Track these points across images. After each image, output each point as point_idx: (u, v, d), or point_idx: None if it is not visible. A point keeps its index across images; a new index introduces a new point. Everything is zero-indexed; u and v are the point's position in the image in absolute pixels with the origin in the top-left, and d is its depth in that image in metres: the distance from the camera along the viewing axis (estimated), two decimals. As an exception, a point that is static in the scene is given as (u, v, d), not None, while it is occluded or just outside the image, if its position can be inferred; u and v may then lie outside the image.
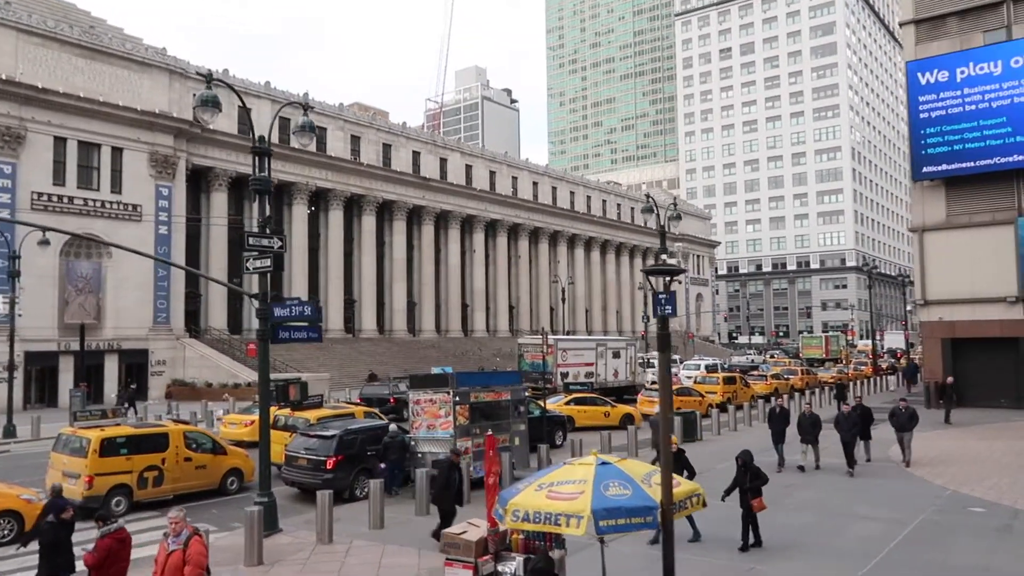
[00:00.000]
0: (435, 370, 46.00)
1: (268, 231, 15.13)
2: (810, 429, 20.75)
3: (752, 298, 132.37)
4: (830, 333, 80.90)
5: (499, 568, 7.56)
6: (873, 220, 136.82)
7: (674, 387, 33.99)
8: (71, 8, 51.32)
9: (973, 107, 32.81)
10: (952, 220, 33.98)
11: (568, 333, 75.71)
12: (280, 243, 15.18)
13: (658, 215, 27.43)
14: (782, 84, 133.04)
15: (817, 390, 40.56)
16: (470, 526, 8.00)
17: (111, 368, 47.17)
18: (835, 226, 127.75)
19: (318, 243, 63.63)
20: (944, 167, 33.78)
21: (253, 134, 15.82)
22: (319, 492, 14.14)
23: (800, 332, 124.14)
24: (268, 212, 15.40)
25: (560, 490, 6.55)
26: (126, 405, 29.48)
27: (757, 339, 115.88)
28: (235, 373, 48.46)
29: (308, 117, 16.45)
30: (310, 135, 16.62)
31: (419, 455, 18.29)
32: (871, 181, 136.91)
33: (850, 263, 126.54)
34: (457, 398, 17.90)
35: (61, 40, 46.25)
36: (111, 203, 47.55)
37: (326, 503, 13.87)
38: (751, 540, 12.95)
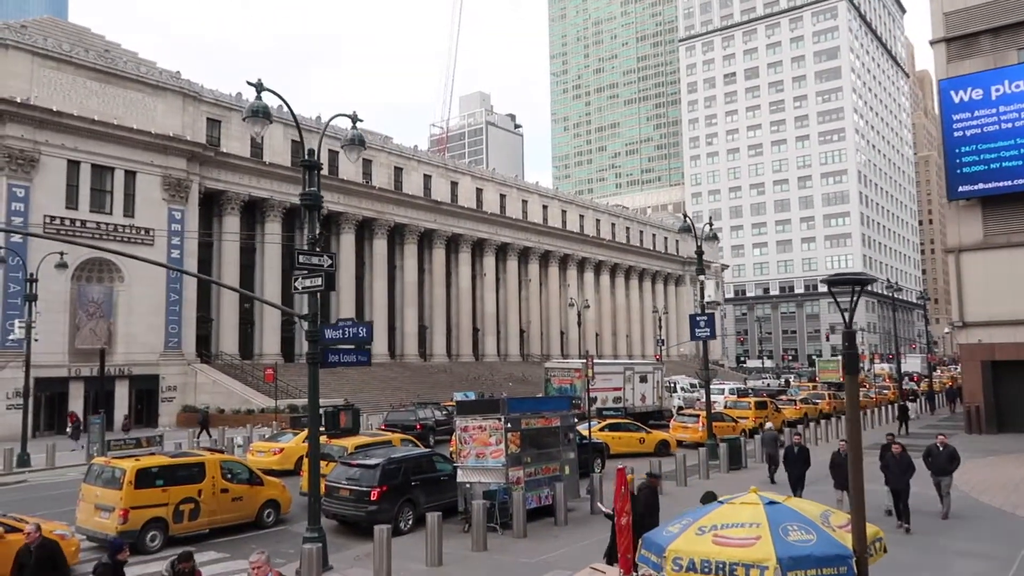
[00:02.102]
0: (457, 396, 45.07)
1: (319, 249, 14.35)
2: (847, 473, 18.08)
3: (760, 321, 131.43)
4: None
5: (637, 620, 6.68)
6: (880, 243, 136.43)
7: (704, 412, 33.06)
8: (85, 32, 51.00)
9: (1010, 125, 32.22)
10: (990, 240, 33.25)
11: (581, 358, 74.58)
12: (330, 262, 14.40)
13: (695, 234, 26.76)
14: (787, 108, 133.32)
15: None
16: (596, 571, 7.10)
17: (121, 394, 46.17)
18: (843, 249, 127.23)
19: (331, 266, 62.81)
20: (980, 186, 33.12)
21: (260, 151, 15.07)
22: (376, 527, 13.19)
23: (809, 355, 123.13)
24: (318, 230, 14.63)
25: (729, 535, 5.69)
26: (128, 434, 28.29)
27: (767, 363, 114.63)
28: (248, 399, 47.45)
29: (357, 130, 15.73)
30: (358, 149, 15.90)
31: (467, 485, 17.32)
32: (878, 204, 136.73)
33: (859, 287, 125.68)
34: (509, 424, 16.99)
35: (76, 63, 45.88)
36: (124, 227, 46.84)
37: (384, 539, 12.91)
38: None
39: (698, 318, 26.81)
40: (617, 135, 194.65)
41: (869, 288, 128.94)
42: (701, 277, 27.50)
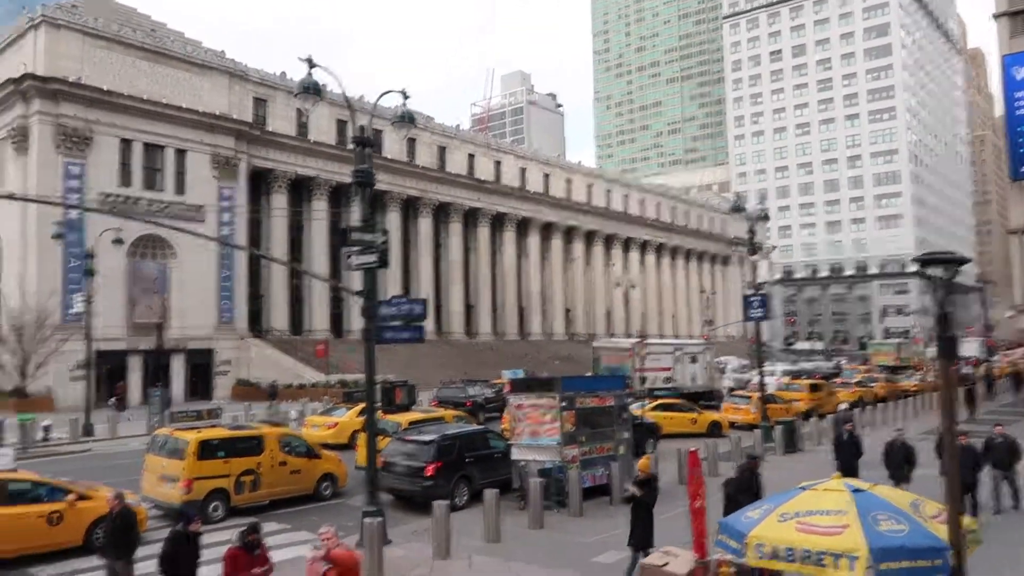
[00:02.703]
0: (506, 374, 45.04)
1: (372, 226, 14.35)
2: (903, 464, 15.88)
3: (808, 303, 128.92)
4: (901, 340, 77.93)
5: (713, 604, 6.55)
6: (934, 224, 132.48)
7: (756, 393, 32.55)
8: (132, 12, 51.72)
9: (1081, 100, 30.83)
10: (1057, 220, 31.99)
11: (626, 337, 74.25)
12: (384, 239, 14.38)
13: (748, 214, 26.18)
14: (835, 86, 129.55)
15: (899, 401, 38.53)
16: (668, 556, 6.99)
17: (177, 367, 47.31)
18: (894, 230, 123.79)
19: (384, 243, 63.28)
20: (1047, 164, 31.82)
21: (305, 130, 15.02)
22: (435, 503, 13.26)
23: (859, 338, 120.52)
24: (369, 207, 14.58)
25: (814, 522, 5.50)
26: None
27: (816, 345, 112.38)
28: (299, 373, 48.22)
29: (405, 107, 15.62)
30: (408, 125, 15.81)
31: (521, 463, 17.32)
32: (931, 184, 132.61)
33: (911, 268, 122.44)
34: (564, 403, 16.91)
35: (125, 43, 46.62)
36: (176, 204, 47.72)
37: (443, 514, 12.98)
38: None
39: (751, 299, 26.34)
40: (660, 114, 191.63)
41: (922, 271, 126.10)
42: (754, 257, 26.98)
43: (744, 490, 11.24)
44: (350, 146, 55.57)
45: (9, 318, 26.54)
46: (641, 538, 11.23)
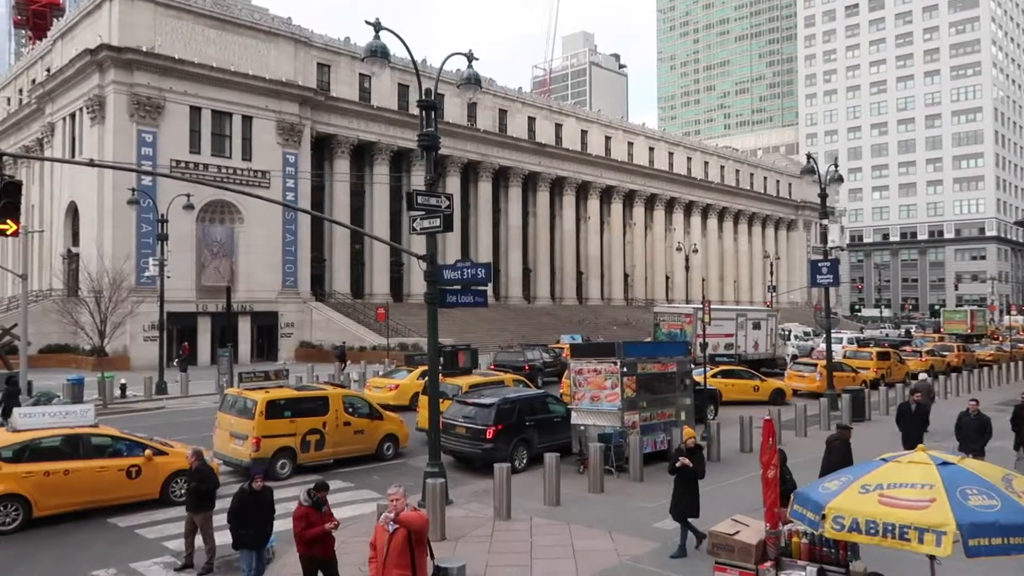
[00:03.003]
0: (565, 338, 45.23)
1: (436, 190, 14.30)
2: (976, 436, 15.32)
3: (877, 269, 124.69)
4: (975, 307, 74.85)
5: (783, 577, 6.38)
6: (1018, 187, 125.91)
7: (822, 361, 31.74)
8: (200, -20, 52.35)
9: None
10: None
11: (686, 303, 73.29)
12: (448, 203, 14.33)
13: (819, 177, 25.33)
14: (915, 41, 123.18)
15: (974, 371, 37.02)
16: (738, 524, 6.83)
17: (244, 329, 48.72)
18: (973, 193, 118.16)
19: (448, 207, 63.57)
20: None
21: (368, 95, 14.90)
22: (496, 465, 13.35)
23: (931, 305, 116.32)
24: (435, 170, 14.53)
25: (897, 495, 5.26)
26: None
27: (884, 312, 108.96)
28: (360, 336, 49.13)
29: (472, 69, 15.42)
30: (474, 88, 15.61)
31: (581, 427, 17.28)
32: (1017, 144, 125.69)
33: (989, 232, 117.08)
34: (624, 368, 16.75)
35: (194, 12, 47.36)
36: (242, 170, 48.73)
37: (504, 477, 13.06)
38: None
39: (820, 264, 25.53)
40: (727, 74, 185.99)
41: (1002, 235, 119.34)
42: (824, 221, 26.07)
43: (838, 461, 11.06)
44: (411, 111, 55.86)
45: (88, 281, 27.70)
46: (689, 507, 11.12)
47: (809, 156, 26.45)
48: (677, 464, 11.55)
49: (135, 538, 12.63)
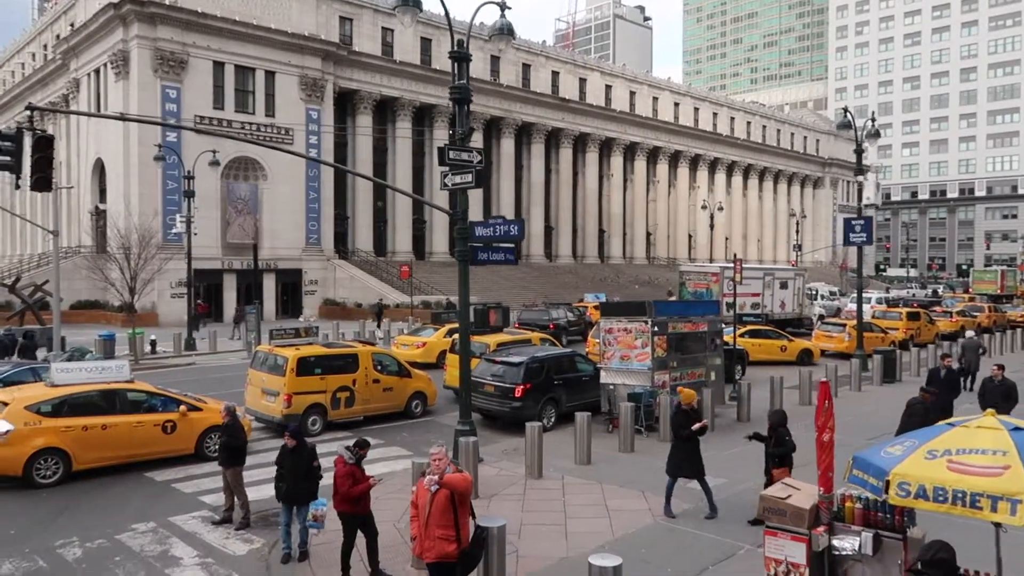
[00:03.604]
0: (589, 297, 45.06)
1: (468, 145, 14.02)
2: (1001, 403, 14.29)
3: (905, 228, 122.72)
4: (1005, 267, 73.52)
5: (835, 543, 6.25)
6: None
7: (851, 321, 31.34)
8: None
9: None
10: None
11: (710, 262, 72.69)
12: (480, 158, 14.06)
13: (856, 131, 24.69)
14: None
15: (1006, 333, 36.43)
16: (789, 488, 6.69)
17: (269, 287, 49.01)
18: (1008, 149, 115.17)
19: (480, 163, 63.06)
20: None
21: (391, 50, 14.53)
22: (528, 424, 13.34)
23: (959, 265, 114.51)
24: (467, 124, 14.24)
25: (968, 461, 5.08)
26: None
27: (911, 272, 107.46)
28: (383, 294, 49.20)
29: (505, 19, 14.99)
30: (507, 39, 15.23)
31: (610, 387, 17.20)
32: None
33: (1023, 191, 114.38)
34: (655, 328, 16.57)
35: (215, -37, 46.65)
36: (266, 126, 48.48)
37: (536, 435, 13.05)
38: None
39: (854, 222, 24.96)
40: (755, 26, 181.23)
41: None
42: (860, 178, 25.39)
43: (918, 425, 10.90)
44: (434, 65, 55.05)
45: (117, 238, 27.87)
46: (696, 467, 11.07)
47: (846, 110, 25.71)
48: (692, 429, 11.31)
49: (172, 492, 12.80)
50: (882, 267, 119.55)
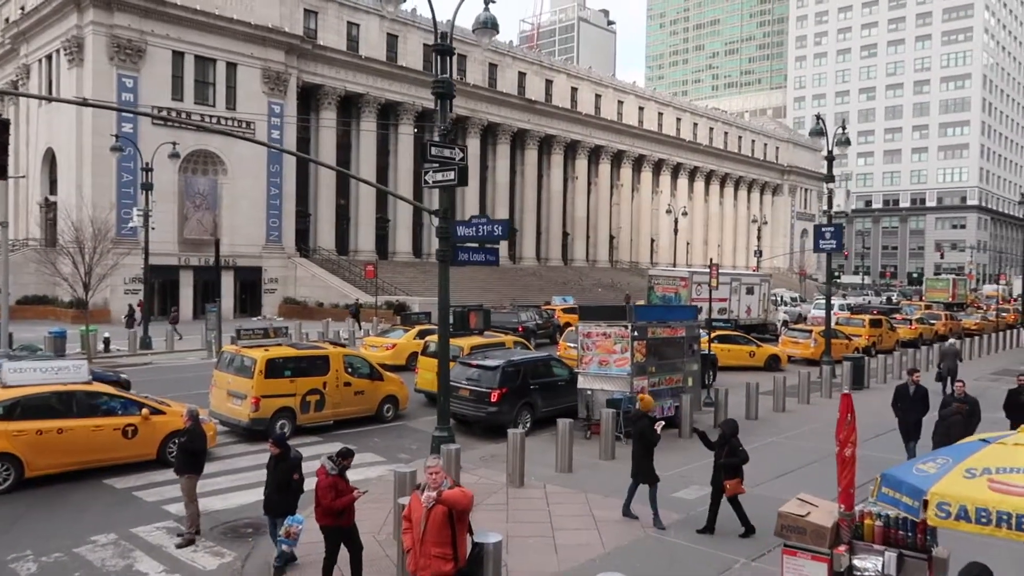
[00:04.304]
0: (556, 300, 44.87)
1: (450, 141, 13.60)
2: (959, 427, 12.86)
3: (858, 236, 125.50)
4: (956, 276, 75.49)
5: (856, 563, 5.99)
6: (1001, 156, 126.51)
7: (818, 328, 31.65)
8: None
9: None
10: None
11: (672, 266, 73.26)
12: (462, 155, 13.66)
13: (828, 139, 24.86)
14: (908, 4, 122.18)
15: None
16: (807, 504, 6.42)
17: (227, 285, 47.66)
18: (958, 161, 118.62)
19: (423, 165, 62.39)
20: None
21: (356, 45, 14.09)
22: (510, 431, 12.95)
23: (909, 273, 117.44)
24: (449, 120, 13.82)
25: (1010, 481, 4.85)
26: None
27: (864, 279, 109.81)
28: (345, 293, 48.35)
29: (489, 12, 14.58)
30: (490, 33, 14.82)
31: (588, 392, 16.90)
32: (1003, 113, 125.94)
33: (971, 201, 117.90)
34: (635, 333, 16.32)
35: (176, -50, 45.28)
36: (227, 119, 47.18)
37: (517, 443, 12.66)
38: (743, 528, 10.37)
39: (824, 229, 25.16)
40: (717, 33, 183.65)
41: (983, 204, 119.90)
42: (830, 185, 25.60)
43: (959, 437, 10.76)
44: (400, 62, 54.11)
45: (72, 231, 26.62)
46: (650, 471, 10.96)
47: (818, 117, 25.87)
48: (658, 429, 11.19)
49: (134, 501, 12.10)
50: (836, 274, 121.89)
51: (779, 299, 42.17)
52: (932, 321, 40.77)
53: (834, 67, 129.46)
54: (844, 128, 26.58)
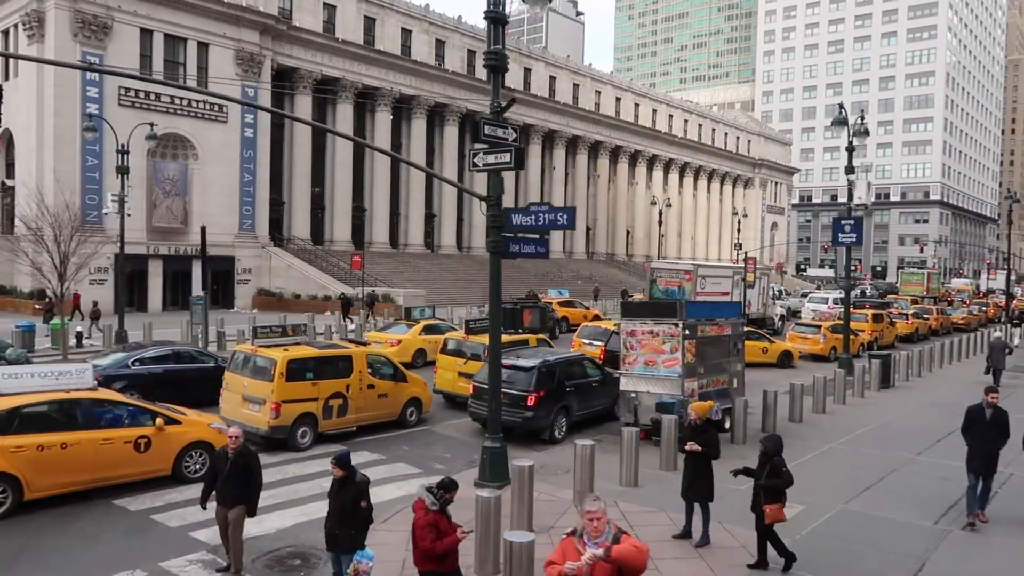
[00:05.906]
0: (551, 293, 43.66)
1: (503, 119, 12.24)
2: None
3: (824, 229, 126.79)
4: (930, 271, 76.28)
5: None
6: (961, 152, 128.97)
7: (827, 323, 31.04)
8: None
9: None
10: None
11: (647, 258, 72.72)
12: (516, 135, 12.31)
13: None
14: (875, 0, 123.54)
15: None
16: None
17: (198, 274, 45.36)
18: (921, 156, 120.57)
19: (399, 152, 60.60)
20: None
21: (332, 27, 12.66)
22: (577, 443, 11.67)
23: (874, 266, 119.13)
24: (498, 98, 12.44)
25: None
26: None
27: (828, 272, 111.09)
28: (324, 285, 46.49)
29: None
30: (544, 2, 13.41)
31: (631, 395, 15.70)
32: (963, 110, 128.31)
33: (934, 197, 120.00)
34: (686, 331, 15.16)
35: (144, -78, 42.74)
36: (198, 101, 44.87)
37: (587, 456, 11.40)
38: (783, 557, 9.15)
39: (843, 222, 24.38)
40: (685, 26, 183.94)
41: (945, 199, 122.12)
42: (851, 176, 24.82)
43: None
44: (377, 46, 52.19)
45: (43, 216, 24.49)
46: (706, 491, 9.92)
47: (841, 106, 25.08)
48: (685, 448, 10.10)
49: (154, 527, 10.52)
50: (803, 267, 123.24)
51: (779, 292, 41.56)
52: (926, 316, 40.61)
53: (802, 62, 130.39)
54: (863, 118, 25.78)
